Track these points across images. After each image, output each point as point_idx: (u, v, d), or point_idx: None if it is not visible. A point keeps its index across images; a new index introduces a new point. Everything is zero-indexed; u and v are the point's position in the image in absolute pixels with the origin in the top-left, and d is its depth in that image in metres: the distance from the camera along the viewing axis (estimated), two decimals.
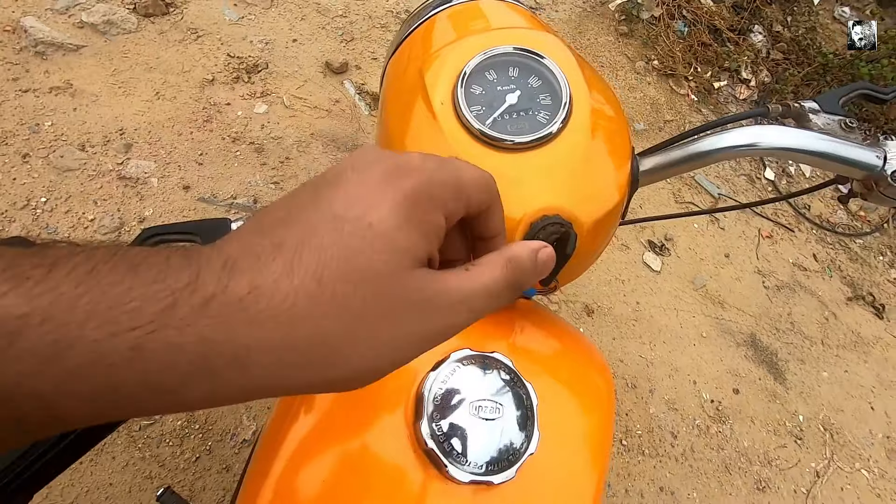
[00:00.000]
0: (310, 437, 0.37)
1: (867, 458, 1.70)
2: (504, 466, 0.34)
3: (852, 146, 0.45)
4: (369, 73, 1.93)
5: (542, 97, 0.42)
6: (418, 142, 0.41)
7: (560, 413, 0.40)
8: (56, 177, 1.39)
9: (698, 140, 0.46)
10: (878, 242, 2.26)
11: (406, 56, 0.48)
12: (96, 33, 1.68)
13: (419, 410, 0.36)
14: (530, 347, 0.43)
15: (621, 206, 0.45)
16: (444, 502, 0.35)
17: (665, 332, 1.72)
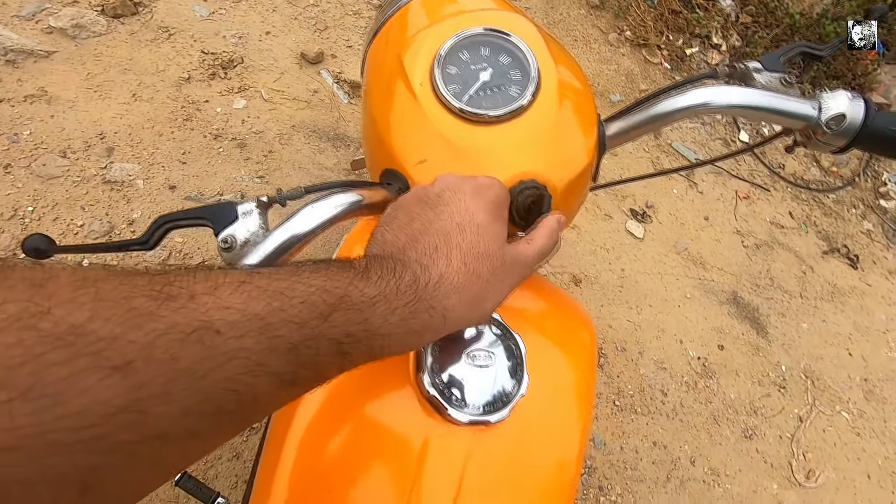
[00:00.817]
0: (323, 398, 0.41)
1: (847, 401, 1.79)
2: (499, 407, 0.39)
3: (791, 100, 0.49)
4: (345, 61, 1.93)
5: (512, 73, 0.45)
6: (401, 120, 0.45)
7: (547, 361, 0.44)
8: (40, 185, 1.40)
9: (657, 103, 0.50)
10: (851, 196, 2.34)
11: (384, 42, 0.51)
12: (66, 38, 1.66)
13: (420, 364, 0.40)
14: (518, 304, 0.47)
15: (591, 169, 0.49)
16: (447, 442, 0.39)
17: (651, 295, 1.78)
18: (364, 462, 0.39)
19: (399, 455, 0.39)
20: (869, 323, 2.00)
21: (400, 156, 0.44)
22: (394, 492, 0.38)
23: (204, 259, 1.42)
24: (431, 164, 0.44)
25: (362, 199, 0.41)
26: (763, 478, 1.57)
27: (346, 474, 0.38)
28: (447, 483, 0.38)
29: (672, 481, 1.49)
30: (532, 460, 0.41)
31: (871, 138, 0.48)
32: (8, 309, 0.18)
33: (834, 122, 0.47)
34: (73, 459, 0.18)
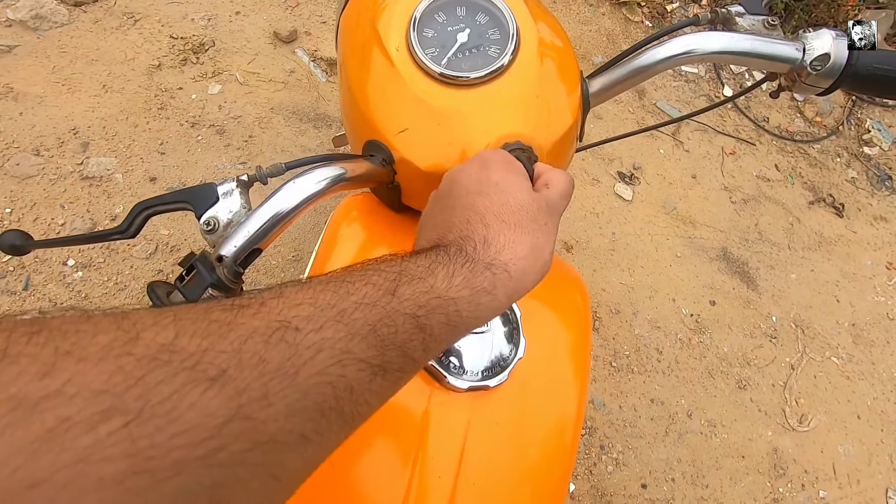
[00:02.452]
0: None
1: (836, 347, 1.83)
2: (497, 372, 0.39)
3: (775, 42, 0.48)
4: (320, 38, 1.88)
5: (490, 33, 0.44)
6: (380, 89, 0.43)
7: (542, 324, 0.44)
8: (16, 186, 1.36)
9: (639, 55, 0.49)
10: (835, 145, 2.35)
11: (356, 11, 0.49)
12: (27, 30, 1.60)
13: None
14: None
15: (576, 128, 0.48)
16: (448, 409, 0.39)
17: (642, 257, 1.79)
18: (367, 435, 0.39)
19: (402, 425, 0.39)
20: (855, 269, 2.03)
21: (380, 126, 0.43)
22: (398, 461, 0.38)
23: (192, 250, 1.41)
24: (413, 133, 0.43)
25: (345, 171, 0.40)
26: (758, 426, 1.62)
27: (349, 448, 0.39)
28: (450, 449, 0.39)
29: (671, 435, 1.53)
30: (533, 421, 0.42)
31: (855, 77, 0.47)
32: (100, 340, 0.19)
33: (818, 62, 0.47)
34: (198, 477, 0.19)
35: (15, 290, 1.25)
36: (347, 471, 0.38)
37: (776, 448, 1.60)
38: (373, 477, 0.38)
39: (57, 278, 1.28)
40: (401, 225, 0.49)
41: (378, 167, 0.43)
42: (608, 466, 1.44)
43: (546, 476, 0.42)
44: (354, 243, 0.46)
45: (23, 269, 1.27)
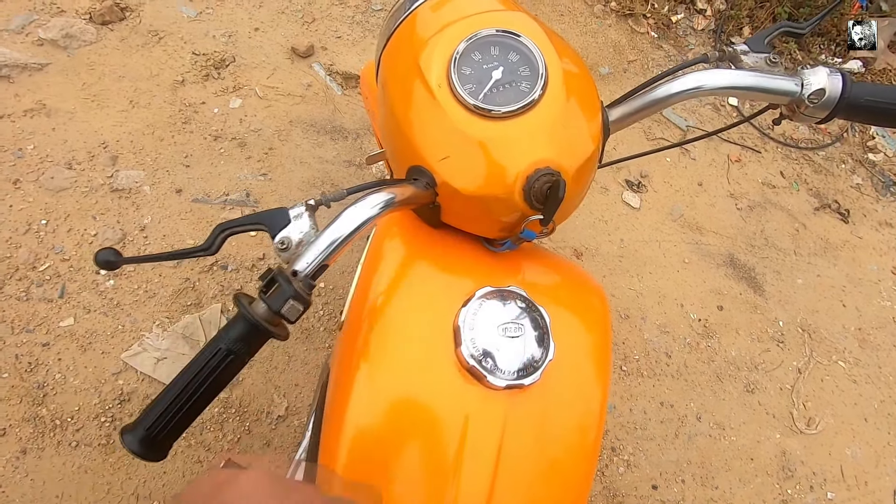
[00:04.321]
0: (375, 372, 0.46)
1: (843, 350, 1.86)
2: (531, 372, 0.44)
3: (776, 78, 0.53)
4: (336, 52, 1.94)
5: (521, 70, 0.49)
6: (423, 120, 0.49)
7: (568, 328, 0.49)
8: (51, 198, 1.43)
9: (654, 89, 0.55)
10: (840, 152, 2.39)
11: (398, 47, 0.54)
12: (57, 49, 1.67)
13: (458, 339, 0.44)
14: (537, 280, 0.52)
15: (598, 153, 0.53)
16: (488, 405, 0.44)
17: (650, 263, 1.84)
18: (416, 429, 0.44)
19: (446, 420, 0.44)
20: (861, 274, 2.06)
21: (424, 154, 0.49)
22: (443, 453, 0.43)
23: (216, 261, 1.46)
24: (454, 160, 0.48)
25: (395, 196, 0.45)
26: (766, 428, 1.65)
27: (400, 440, 0.44)
28: (489, 442, 0.44)
29: (680, 437, 1.56)
30: (562, 418, 0.47)
31: (849, 109, 0.52)
32: None
33: (815, 96, 0.52)
34: None
35: (52, 297, 1.30)
36: (399, 460, 0.43)
37: (784, 450, 1.63)
38: (422, 466, 0.43)
39: (90, 287, 1.34)
40: (438, 240, 0.54)
41: (422, 190, 0.48)
42: (620, 468, 1.48)
43: (573, 468, 0.47)
44: (397, 256, 0.51)
45: (58, 277, 1.33)
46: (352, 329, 0.51)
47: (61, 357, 1.25)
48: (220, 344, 0.41)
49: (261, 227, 0.45)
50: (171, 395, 0.41)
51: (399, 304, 0.48)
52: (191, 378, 0.41)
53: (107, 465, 1.18)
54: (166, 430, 0.41)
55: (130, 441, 0.40)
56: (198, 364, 0.41)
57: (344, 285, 1.53)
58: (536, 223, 0.48)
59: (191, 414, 0.42)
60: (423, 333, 0.46)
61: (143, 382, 1.27)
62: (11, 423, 1.17)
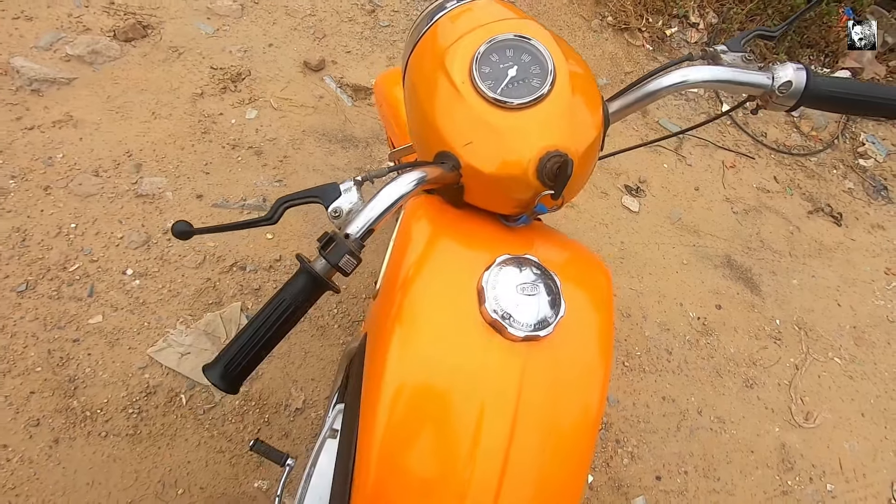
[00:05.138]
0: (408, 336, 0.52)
1: (838, 348, 1.92)
2: (545, 325, 0.50)
3: (751, 73, 0.62)
4: (346, 66, 2.04)
5: (533, 68, 0.57)
6: (449, 112, 0.57)
7: (576, 293, 0.56)
8: (79, 203, 1.50)
9: (647, 83, 0.63)
10: (831, 158, 2.47)
11: (424, 52, 0.62)
12: (84, 64, 1.77)
13: (481, 298, 0.51)
14: (548, 251, 0.59)
15: (599, 140, 0.61)
16: (508, 355, 0.51)
17: (650, 264, 1.90)
18: (447, 379, 0.50)
19: (473, 370, 0.50)
20: (855, 275, 2.13)
21: (450, 140, 0.56)
22: (471, 398, 0.50)
23: (235, 261, 1.53)
24: (476, 145, 0.55)
25: (426, 175, 0.52)
26: (765, 422, 1.70)
27: (434, 389, 0.50)
28: (510, 388, 0.50)
29: (682, 431, 1.62)
30: (572, 369, 0.53)
31: (812, 98, 0.61)
32: None
33: (784, 87, 0.60)
34: None
35: (81, 296, 1.37)
36: (438, 407, 0.49)
37: (784, 443, 1.68)
38: (453, 410, 0.49)
39: (117, 286, 1.41)
40: (460, 218, 0.61)
41: (448, 172, 0.55)
42: (624, 459, 1.53)
43: (584, 413, 0.53)
44: (424, 234, 0.57)
45: (87, 277, 1.40)
46: (386, 297, 0.57)
47: (91, 352, 1.31)
48: (285, 296, 0.48)
49: (316, 200, 0.52)
50: (243, 339, 0.48)
51: (428, 273, 0.55)
52: (259, 325, 0.48)
53: (134, 455, 1.24)
54: (238, 369, 0.47)
55: (211, 375, 0.47)
56: (266, 313, 0.48)
57: (355, 286, 1.60)
58: (548, 198, 0.55)
59: (258, 357, 0.48)
60: (450, 296, 0.53)
61: (168, 376, 1.33)
62: (45, 414, 1.23)
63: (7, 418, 1.21)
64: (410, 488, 0.50)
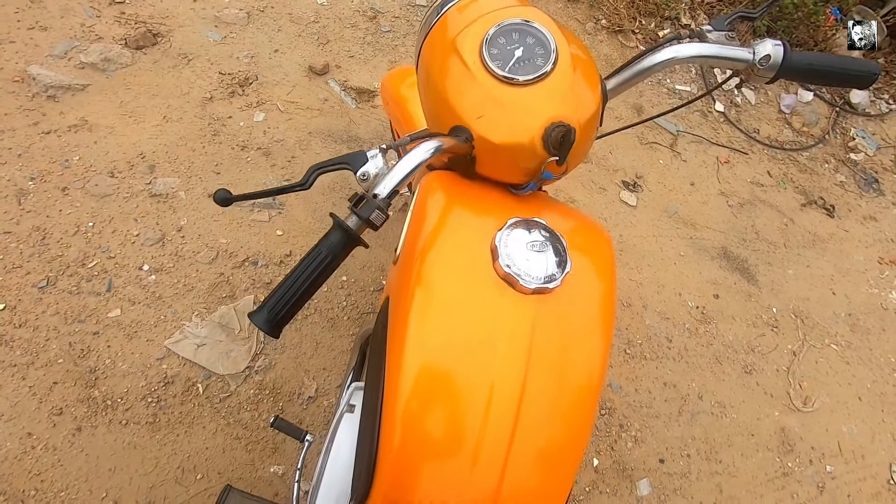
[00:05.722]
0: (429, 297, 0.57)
1: (835, 335, 1.97)
2: (554, 279, 0.56)
3: (734, 49, 0.68)
4: (349, 70, 2.10)
5: (537, 50, 0.63)
6: (461, 89, 0.63)
7: (581, 252, 0.61)
8: (96, 203, 1.55)
9: (640, 61, 0.70)
10: (823, 153, 2.53)
11: (436, 39, 0.68)
12: (97, 71, 1.83)
13: (495, 255, 0.56)
14: (555, 216, 0.64)
15: (599, 113, 0.67)
16: (521, 306, 0.56)
17: (648, 256, 1.96)
18: (465, 331, 0.55)
19: (489, 321, 0.55)
20: (849, 265, 2.18)
21: (463, 115, 0.62)
22: (489, 346, 0.54)
23: (247, 256, 1.58)
24: (487, 118, 0.61)
25: (442, 144, 0.58)
26: (765, 406, 1.74)
27: (453, 342, 0.55)
28: (523, 336, 0.55)
29: (684, 415, 1.66)
30: (579, 321, 0.58)
31: (790, 70, 0.68)
32: None
33: (764, 60, 0.67)
34: None
35: (100, 291, 1.42)
36: (455, 354, 0.54)
37: (783, 427, 1.72)
38: (472, 357, 0.54)
39: (134, 281, 1.46)
40: (472, 189, 0.66)
41: (462, 143, 0.61)
42: (628, 443, 1.57)
43: (589, 362, 0.58)
44: (440, 204, 0.63)
45: (105, 273, 1.45)
46: (406, 264, 0.62)
47: (110, 344, 1.36)
48: (322, 248, 0.53)
49: (346, 166, 0.57)
50: (284, 288, 0.53)
51: (444, 238, 0.60)
52: (299, 275, 0.53)
53: (154, 442, 1.28)
54: (281, 314, 0.52)
55: (257, 319, 0.52)
56: (304, 264, 0.53)
57: (364, 279, 1.65)
58: (553, 165, 0.61)
59: (298, 304, 0.53)
60: (465, 256, 0.58)
61: (185, 367, 1.37)
62: (67, 404, 1.27)
63: (31, 408, 1.25)
64: (432, 443, 0.54)
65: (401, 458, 0.54)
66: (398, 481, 0.55)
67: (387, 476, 0.55)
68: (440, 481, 0.53)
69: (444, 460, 0.54)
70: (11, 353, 1.30)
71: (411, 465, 0.54)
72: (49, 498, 1.18)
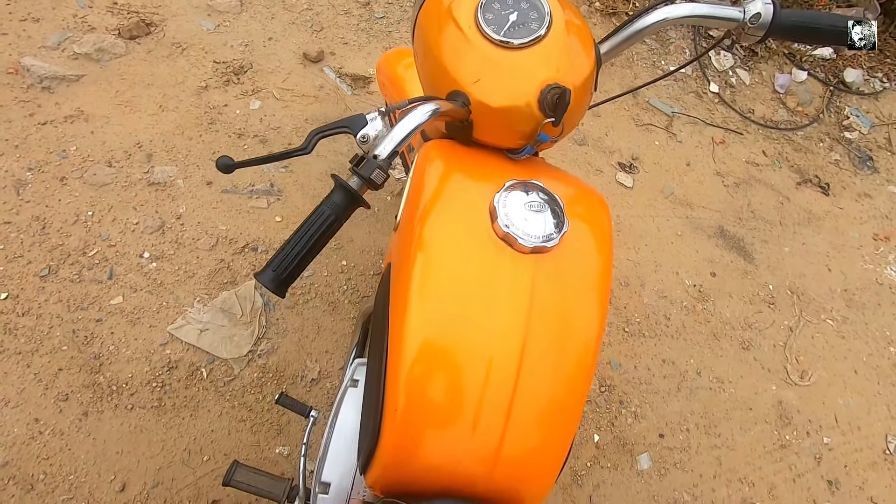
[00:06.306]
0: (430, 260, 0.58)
1: (830, 310, 1.99)
2: (552, 238, 0.57)
3: (724, 8, 0.69)
4: (344, 56, 2.10)
5: (531, 14, 0.64)
6: (458, 54, 0.63)
7: (578, 213, 0.62)
8: (94, 192, 1.56)
9: (632, 24, 0.71)
10: (817, 132, 2.54)
11: (430, 7, 0.69)
12: (91, 61, 1.82)
13: (494, 216, 0.58)
14: (552, 180, 0.65)
15: (593, 76, 0.67)
16: (520, 263, 0.57)
17: (645, 236, 1.97)
18: (466, 291, 0.56)
19: (489, 280, 0.56)
20: (844, 241, 2.20)
21: (460, 79, 0.63)
22: (489, 304, 0.56)
23: (247, 242, 1.59)
24: (484, 82, 0.62)
25: (440, 107, 0.59)
26: (762, 381, 1.77)
27: (454, 301, 0.56)
28: (523, 294, 0.56)
29: (682, 391, 1.68)
30: (577, 279, 0.59)
31: (780, 29, 0.69)
32: None
33: (753, 19, 0.68)
34: None
35: (101, 279, 1.43)
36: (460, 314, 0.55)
37: (781, 401, 1.75)
38: (474, 315, 0.55)
39: (135, 269, 1.46)
40: (470, 155, 0.67)
41: (459, 108, 0.62)
42: (628, 419, 1.59)
43: (588, 319, 0.59)
44: (438, 171, 0.63)
45: (106, 262, 1.46)
46: (406, 230, 0.63)
47: (113, 331, 1.37)
48: (324, 208, 0.54)
49: (345, 129, 0.58)
50: (288, 248, 0.54)
51: (443, 202, 0.61)
52: (302, 235, 0.54)
53: (160, 425, 1.29)
54: (285, 273, 0.53)
55: (263, 278, 0.53)
56: (307, 225, 0.54)
57: (364, 263, 1.66)
58: (549, 126, 0.62)
59: (301, 263, 0.54)
60: (464, 219, 0.59)
61: (189, 352, 1.39)
62: (73, 390, 1.28)
63: (37, 394, 1.26)
64: (435, 405, 0.55)
65: (404, 423, 0.55)
66: (401, 445, 0.56)
67: (390, 441, 0.56)
68: (442, 444, 0.55)
69: (446, 423, 0.55)
70: (16, 340, 1.31)
71: (414, 429, 0.55)
72: (58, 481, 1.19)
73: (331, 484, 0.85)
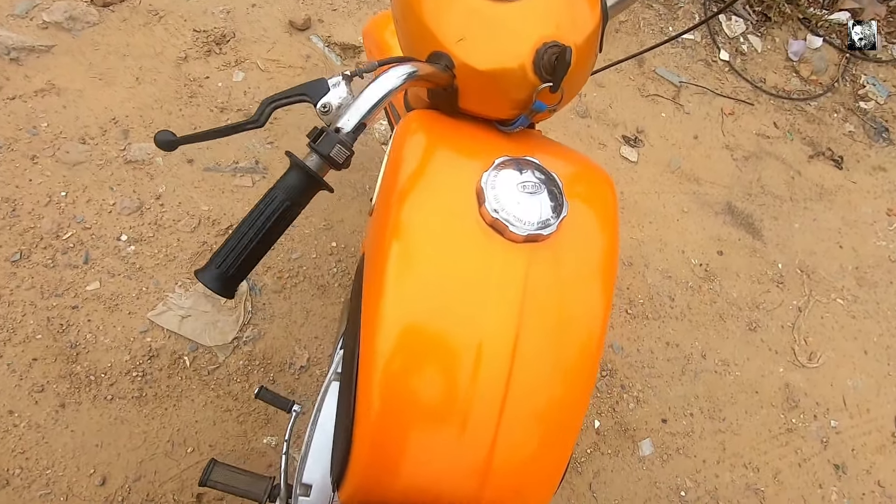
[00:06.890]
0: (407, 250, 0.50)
1: (841, 289, 1.92)
2: (549, 224, 0.49)
3: None
4: (332, 24, 1.98)
5: None
6: (438, 6, 0.54)
7: (579, 194, 0.54)
8: (68, 171, 1.47)
9: None
10: (831, 101, 2.43)
11: None
12: (62, 31, 1.71)
13: (481, 198, 0.49)
14: (549, 156, 0.57)
15: (598, 33, 0.58)
16: (511, 254, 0.49)
17: (650, 213, 1.88)
18: (448, 286, 0.49)
19: (475, 274, 0.49)
20: (856, 217, 2.12)
21: (442, 38, 0.54)
22: (475, 302, 0.48)
23: (231, 224, 1.51)
24: (469, 41, 0.53)
25: (417, 70, 0.50)
26: (769, 363, 1.71)
27: (435, 297, 0.49)
28: (513, 290, 0.49)
29: (687, 374, 1.62)
30: (577, 270, 0.52)
31: None
32: None
33: None
34: None
35: (77, 263, 1.36)
36: (442, 311, 0.48)
37: (788, 383, 1.69)
38: (456, 314, 0.48)
39: (113, 252, 1.39)
40: (456, 127, 0.58)
41: (441, 71, 0.53)
42: (630, 404, 1.54)
43: (589, 316, 0.52)
44: (419, 145, 0.55)
45: (81, 245, 1.38)
46: (382, 212, 0.56)
47: (90, 318, 1.30)
48: (276, 193, 0.46)
49: (304, 98, 0.49)
50: (234, 239, 0.46)
51: (424, 182, 0.53)
52: (251, 224, 0.46)
53: (141, 416, 1.24)
54: (232, 269, 0.46)
55: (203, 276, 0.45)
56: (256, 212, 0.46)
57: (355, 244, 1.59)
58: (546, 92, 0.53)
59: (251, 258, 0.47)
60: (448, 201, 0.51)
61: (170, 339, 1.32)
62: (49, 380, 1.23)
63: (11, 385, 1.21)
64: (415, 408, 0.49)
65: (379, 426, 0.49)
66: (377, 452, 0.49)
67: (364, 447, 0.49)
68: (424, 451, 0.48)
69: (429, 428, 0.48)
70: None
71: (391, 433, 0.49)
72: (34, 476, 1.14)
73: (312, 486, 0.79)
